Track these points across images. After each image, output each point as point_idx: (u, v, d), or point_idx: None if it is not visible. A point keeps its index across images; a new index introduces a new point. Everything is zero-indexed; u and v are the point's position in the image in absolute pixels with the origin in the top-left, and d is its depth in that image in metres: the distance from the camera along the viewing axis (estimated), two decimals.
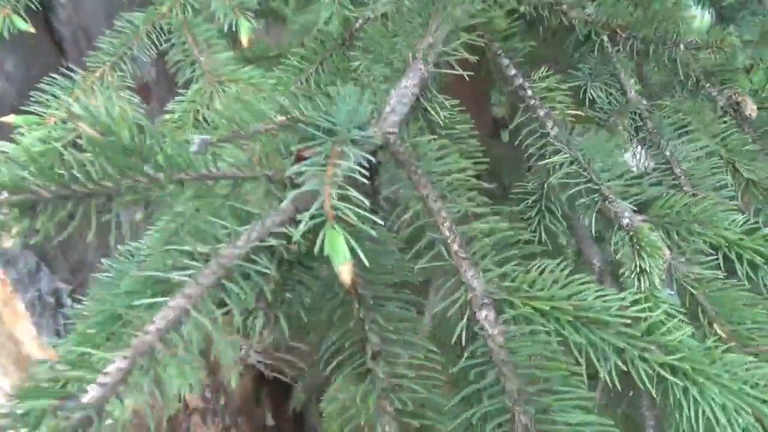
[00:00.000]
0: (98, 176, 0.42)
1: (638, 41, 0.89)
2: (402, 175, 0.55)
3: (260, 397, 1.61)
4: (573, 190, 0.65)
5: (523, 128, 0.78)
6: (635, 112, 0.88)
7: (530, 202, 0.75)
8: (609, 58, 0.92)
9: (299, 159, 0.52)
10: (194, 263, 0.41)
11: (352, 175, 0.45)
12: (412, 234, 0.53)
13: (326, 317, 0.49)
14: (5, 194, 0.42)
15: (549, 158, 0.73)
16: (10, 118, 0.84)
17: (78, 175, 0.42)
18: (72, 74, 0.92)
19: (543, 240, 0.71)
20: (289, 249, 0.42)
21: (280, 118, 0.51)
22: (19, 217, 0.42)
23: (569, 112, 0.78)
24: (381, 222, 0.43)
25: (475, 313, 0.47)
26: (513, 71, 0.81)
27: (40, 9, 1.00)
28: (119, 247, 0.69)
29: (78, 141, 0.51)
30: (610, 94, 0.89)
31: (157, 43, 0.97)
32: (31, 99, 0.87)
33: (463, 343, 0.47)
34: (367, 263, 0.41)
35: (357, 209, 0.43)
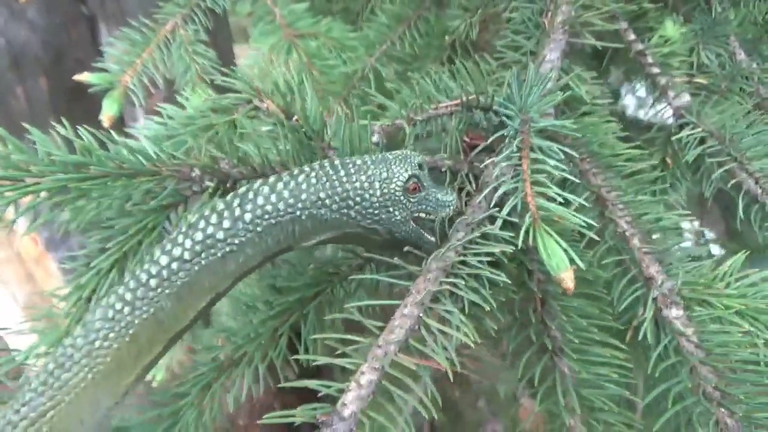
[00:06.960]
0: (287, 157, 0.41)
1: None
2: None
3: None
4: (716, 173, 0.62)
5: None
6: (746, 77, 0.84)
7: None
8: (715, 17, 0.87)
9: (470, 147, 0.49)
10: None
11: (553, 171, 0.42)
12: None
13: (508, 313, 0.47)
14: (197, 171, 0.41)
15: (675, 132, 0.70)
16: (84, 77, 0.80)
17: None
18: (142, 28, 0.87)
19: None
20: (505, 253, 0.41)
21: (454, 100, 0.48)
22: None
23: (697, 80, 0.75)
24: (592, 222, 0.41)
25: (661, 310, 0.46)
26: (632, 36, 0.77)
27: None
28: None
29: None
30: (719, 55, 0.85)
31: None
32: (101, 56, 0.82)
33: (650, 341, 0.46)
34: (583, 266, 0.40)
35: (563, 209, 0.41)
